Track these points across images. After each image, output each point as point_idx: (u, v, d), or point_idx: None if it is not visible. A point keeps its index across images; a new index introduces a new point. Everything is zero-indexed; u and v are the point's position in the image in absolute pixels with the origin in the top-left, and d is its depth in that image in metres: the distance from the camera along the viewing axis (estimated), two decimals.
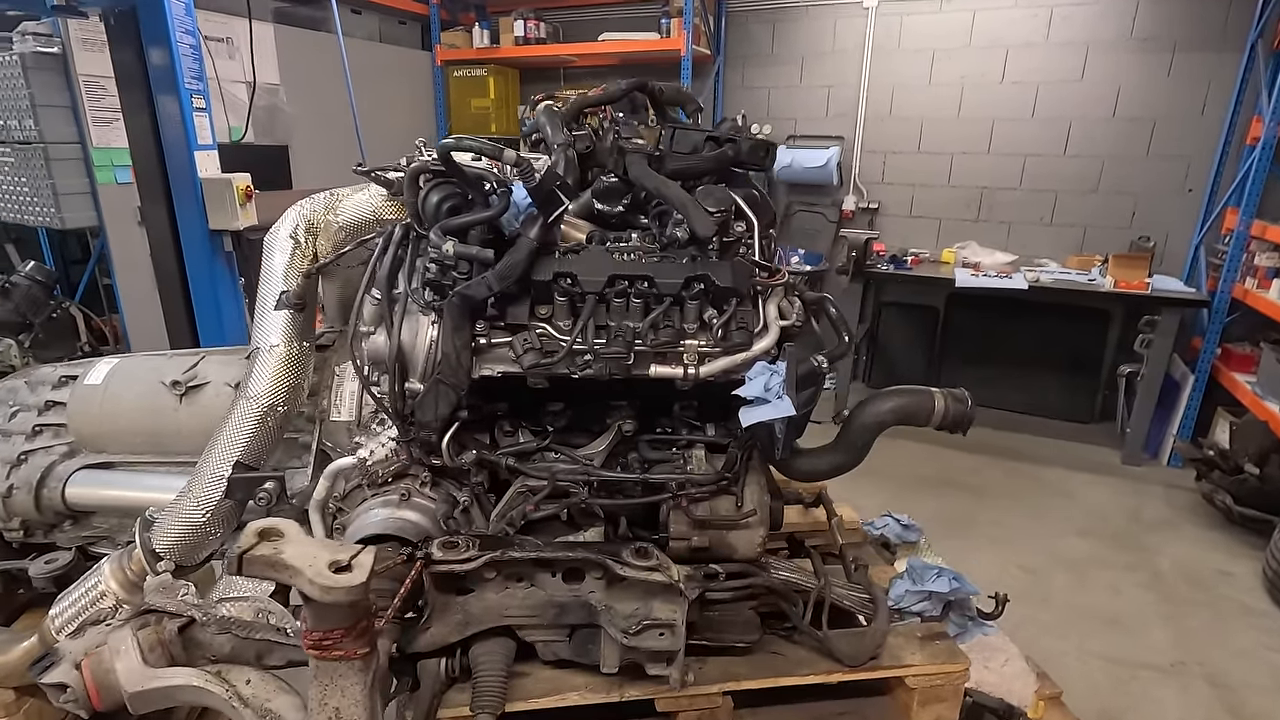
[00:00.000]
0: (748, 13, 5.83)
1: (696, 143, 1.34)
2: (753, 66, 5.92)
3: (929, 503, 4.04)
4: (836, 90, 5.66)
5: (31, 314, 4.11)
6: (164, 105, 2.95)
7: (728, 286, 1.08)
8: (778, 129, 5.84)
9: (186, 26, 2.93)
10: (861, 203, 5.76)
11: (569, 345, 1.06)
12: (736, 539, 1.22)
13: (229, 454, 1.21)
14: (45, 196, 3.94)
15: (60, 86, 3.82)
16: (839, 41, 5.56)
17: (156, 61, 2.89)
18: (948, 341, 5.68)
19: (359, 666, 0.76)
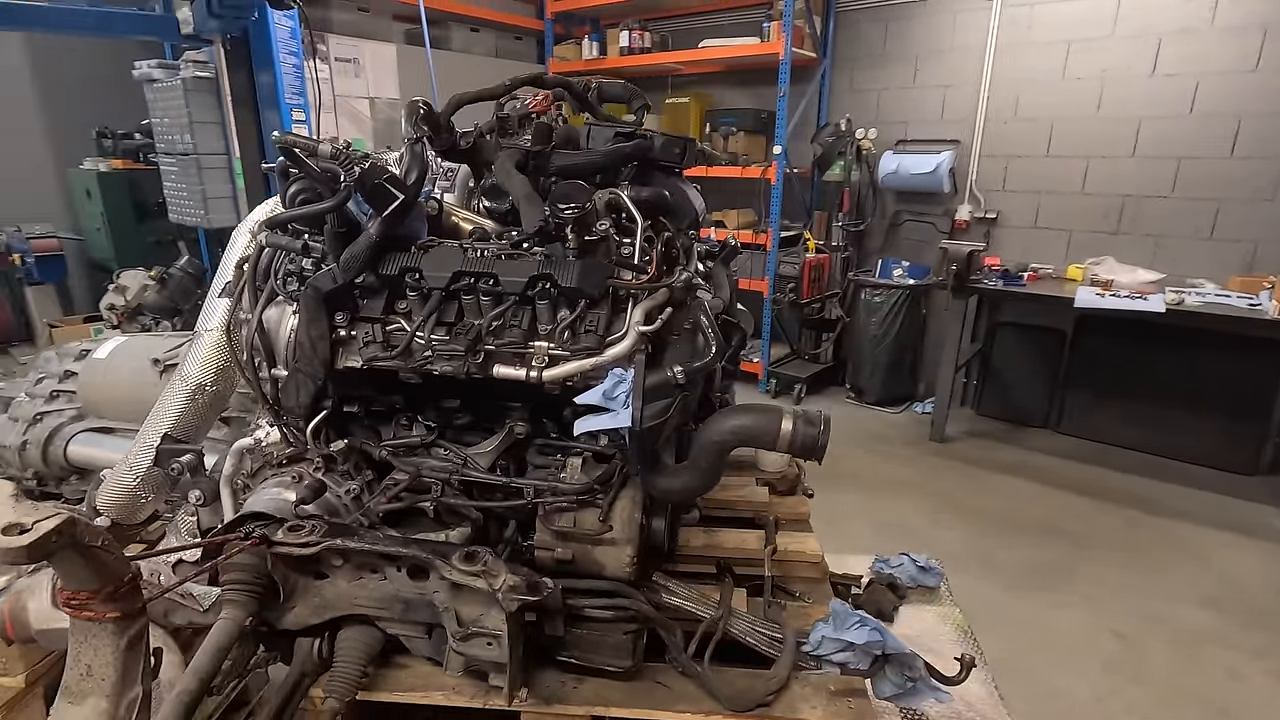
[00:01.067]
0: (859, 11, 5.53)
1: (607, 139, 1.29)
2: (862, 68, 5.61)
3: (1023, 549, 3.58)
4: (953, 90, 5.21)
5: (182, 301, 4.80)
6: (268, 118, 3.34)
7: (571, 287, 1.03)
8: (887, 133, 5.49)
9: (290, 48, 3.29)
10: (977, 212, 5.26)
11: (406, 341, 1.06)
12: (603, 555, 1.15)
13: (159, 426, 1.33)
14: (197, 200, 4.57)
15: (212, 106, 4.40)
16: (958, 37, 5.12)
17: (263, 80, 3.28)
18: (1074, 369, 5.02)
19: (111, 629, 0.80)
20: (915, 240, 5.59)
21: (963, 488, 4.23)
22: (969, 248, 4.47)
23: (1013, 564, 3.46)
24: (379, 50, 5.27)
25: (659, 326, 1.06)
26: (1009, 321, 5.29)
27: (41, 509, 0.69)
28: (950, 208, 5.37)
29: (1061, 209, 4.97)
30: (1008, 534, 3.73)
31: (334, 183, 1.05)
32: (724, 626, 1.24)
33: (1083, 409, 5.00)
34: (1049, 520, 3.88)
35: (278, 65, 3.21)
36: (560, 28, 6.60)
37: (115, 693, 0.81)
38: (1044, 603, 3.19)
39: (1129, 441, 4.77)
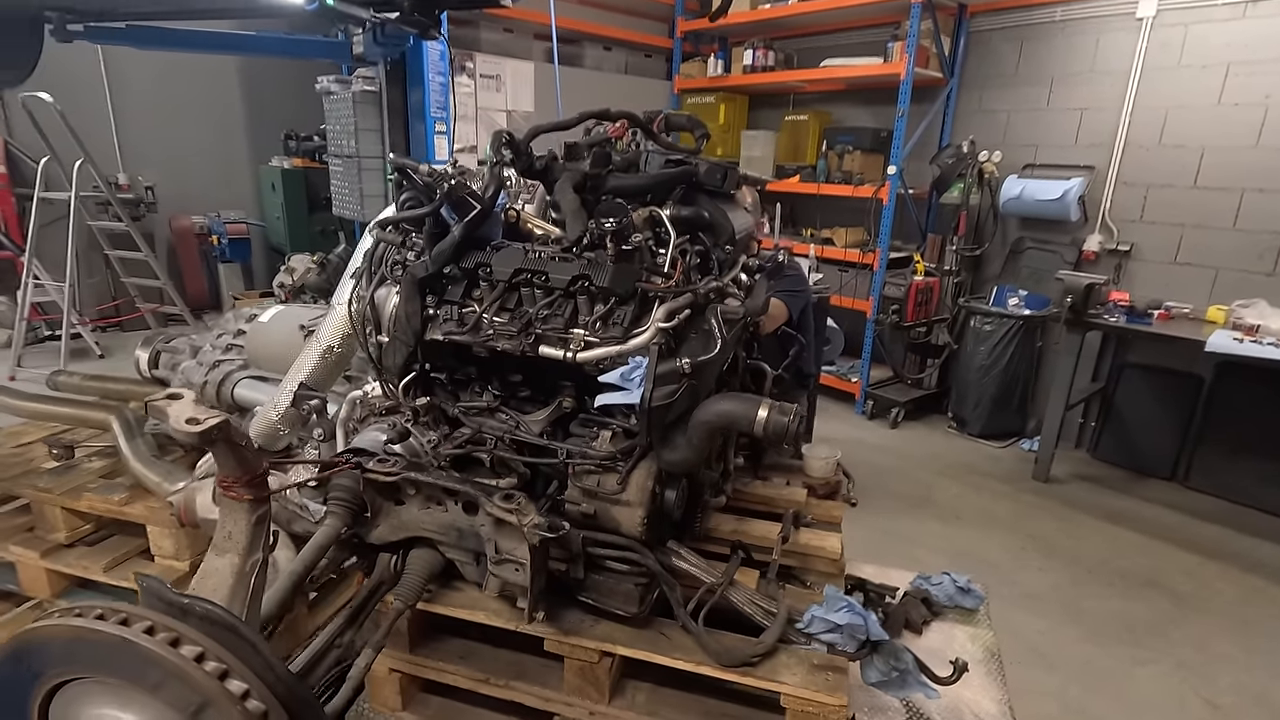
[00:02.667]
0: (993, 32, 5.37)
1: (660, 165, 1.50)
2: (992, 88, 5.44)
3: (1115, 600, 3.39)
4: (1091, 114, 4.95)
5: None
6: (415, 128, 3.83)
7: (604, 286, 1.25)
8: (1014, 156, 5.29)
9: (438, 69, 3.77)
10: (1109, 243, 4.95)
11: (474, 320, 1.32)
12: (619, 514, 1.35)
13: (298, 377, 1.70)
14: (355, 196, 5.25)
15: (374, 115, 5.05)
16: (1100, 59, 4.86)
17: (414, 96, 3.78)
18: (1211, 420, 4.60)
19: (246, 507, 1.11)
20: (1036, 269, 5.33)
21: (1059, 531, 4.03)
22: (1088, 280, 4.24)
23: (1101, 613, 3.28)
24: (518, 67, 5.78)
25: (676, 324, 1.26)
26: (1137, 363, 4.93)
27: (210, 410, 1.00)
28: (1078, 237, 5.09)
29: (1208, 245, 4.58)
30: (1101, 583, 3.53)
31: (432, 193, 1.34)
32: (722, 593, 1.41)
33: (1215, 463, 4.57)
34: (1153, 575, 3.62)
35: (427, 84, 3.70)
36: (689, 46, 6.88)
37: (244, 554, 1.12)
38: (1129, 658, 3.02)
39: (1268, 504, 4.31)
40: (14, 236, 6.10)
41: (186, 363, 2.12)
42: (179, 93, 7.14)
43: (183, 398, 1.02)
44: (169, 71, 6.96)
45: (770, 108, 6.81)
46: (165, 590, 1.00)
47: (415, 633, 1.57)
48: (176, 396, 1.02)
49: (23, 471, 2.15)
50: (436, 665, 1.55)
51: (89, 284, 6.67)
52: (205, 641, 0.98)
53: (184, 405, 1.01)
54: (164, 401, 1.00)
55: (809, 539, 1.77)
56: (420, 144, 3.86)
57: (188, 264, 7.32)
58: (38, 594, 2.10)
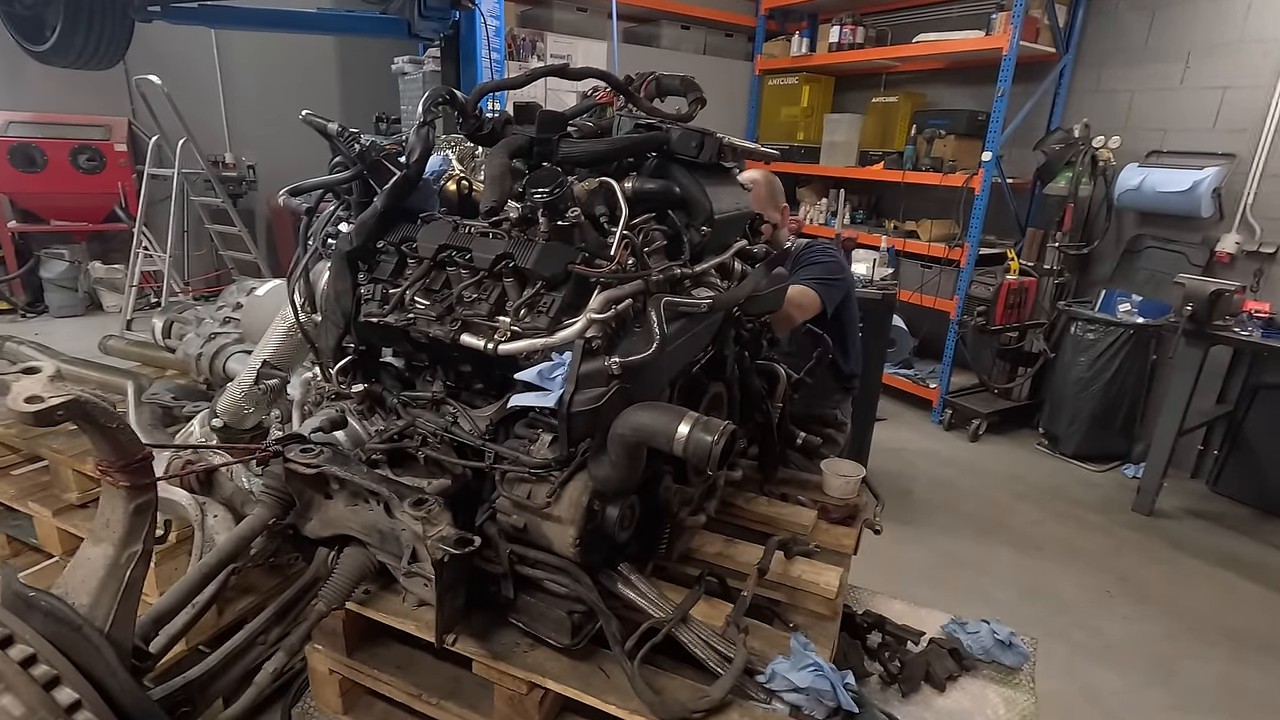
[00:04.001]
0: (1119, 0, 4.72)
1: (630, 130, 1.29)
2: (1114, 65, 4.79)
3: (1220, 663, 2.89)
4: (1235, 93, 4.25)
5: None
6: None
7: (528, 268, 1.06)
8: (1137, 141, 4.65)
9: (494, 45, 3.69)
10: (1249, 244, 4.26)
11: (395, 301, 1.18)
12: (551, 531, 1.18)
13: (262, 354, 1.63)
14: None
15: None
16: (1250, 28, 4.16)
17: (468, 72, 3.71)
18: None
19: (123, 495, 1.03)
20: (1156, 272, 4.67)
21: (1157, 573, 3.50)
22: (1215, 285, 3.64)
23: (1200, 678, 2.80)
24: (591, 47, 5.65)
25: (611, 316, 1.06)
26: (1276, 384, 4.21)
27: (61, 389, 0.91)
28: (1211, 236, 4.41)
29: None
30: (1203, 641, 3.01)
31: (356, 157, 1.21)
32: (671, 630, 1.21)
33: None
34: (1274, 637, 3.06)
35: (479, 59, 3.63)
36: (774, 23, 6.52)
37: (120, 544, 1.04)
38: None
39: None
40: (132, 211, 6.63)
41: (190, 334, 2.13)
42: (281, 75, 7.50)
43: (39, 372, 0.94)
44: (272, 55, 7.32)
45: (859, 89, 6.34)
46: (13, 581, 0.93)
47: (354, 635, 1.47)
48: (33, 370, 0.94)
49: (46, 431, 2.23)
50: (372, 672, 1.45)
51: (197, 256, 7.16)
52: (39, 643, 0.89)
53: (33, 381, 0.92)
54: (13, 376, 0.92)
55: (803, 571, 1.53)
56: None
57: (282, 240, 7.73)
58: (51, 550, 2.18)
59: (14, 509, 2.25)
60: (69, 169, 6.37)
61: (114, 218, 6.65)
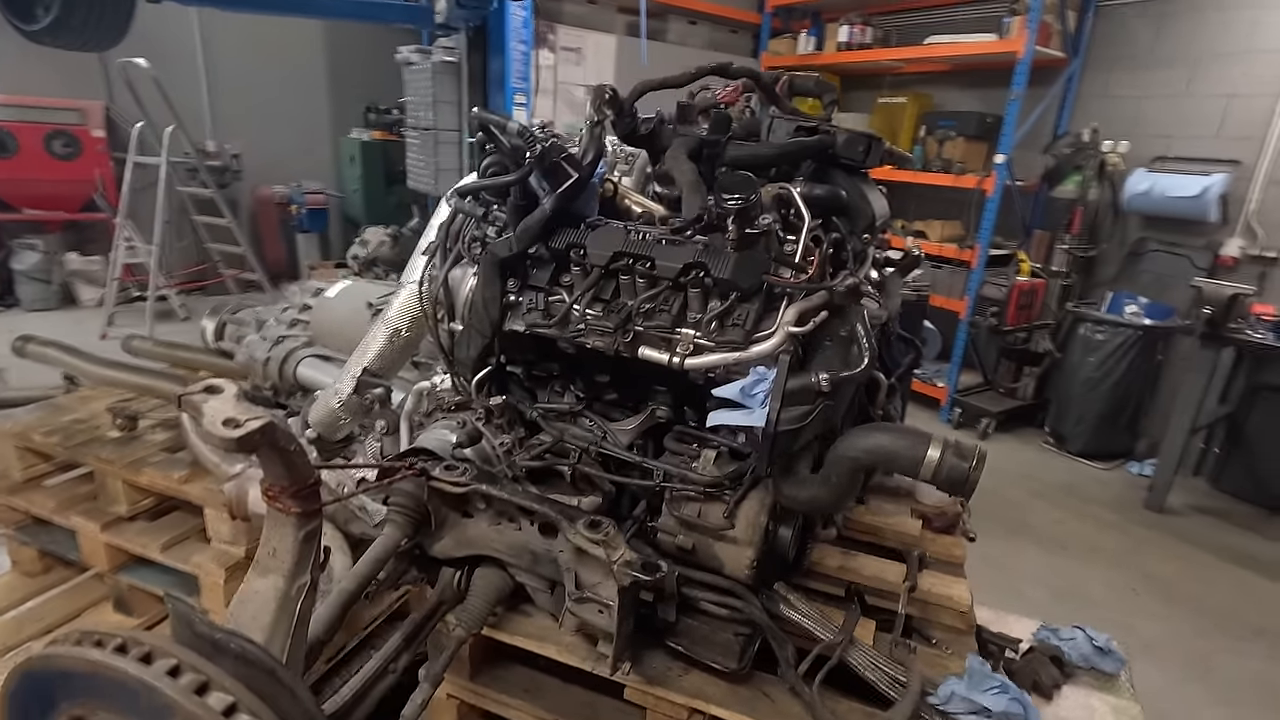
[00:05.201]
0: (1127, 7, 4.82)
1: (789, 130, 1.24)
2: (1122, 70, 4.89)
3: (1256, 660, 2.95)
4: (1240, 101, 4.37)
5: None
6: (494, 100, 3.67)
7: (725, 278, 1.01)
8: (1143, 147, 4.76)
9: (522, 36, 3.59)
10: (1251, 248, 4.39)
11: (564, 312, 1.11)
12: (723, 552, 1.13)
13: (361, 361, 1.54)
14: (431, 170, 5.16)
15: (453, 87, 4.92)
16: (1257, 38, 4.28)
17: (495, 64, 3.61)
18: None
19: (293, 521, 0.95)
20: (1160, 274, 4.80)
21: (1176, 570, 3.59)
22: (1232, 290, 3.74)
23: (1236, 674, 2.87)
24: (600, 41, 5.56)
25: (810, 329, 1.02)
26: (1276, 385, 4.36)
27: (254, 410, 0.83)
28: (1214, 240, 4.53)
29: None
30: (1234, 636, 3.10)
31: (521, 159, 1.14)
32: (841, 653, 1.17)
33: None
34: None
35: (508, 52, 3.53)
36: (778, 21, 6.50)
37: (290, 576, 0.96)
38: None
39: None
40: (111, 200, 6.31)
41: (250, 336, 2.01)
42: (267, 63, 7.24)
43: (222, 391, 0.85)
44: (259, 41, 7.06)
45: (864, 89, 6.37)
46: (197, 620, 0.84)
47: (478, 658, 1.40)
48: (215, 390, 0.85)
49: (89, 439, 2.09)
50: (499, 698, 1.38)
51: (178, 248, 6.85)
52: (237, 689, 0.81)
53: (223, 401, 0.84)
54: (200, 396, 0.84)
55: (931, 584, 1.50)
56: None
57: (268, 232, 7.47)
58: (97, 565, 2.04)
59: (50, 522, 2.10)
60: (42, 155, 6.04)
61: (91, 207, 6.33)
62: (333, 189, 7.60)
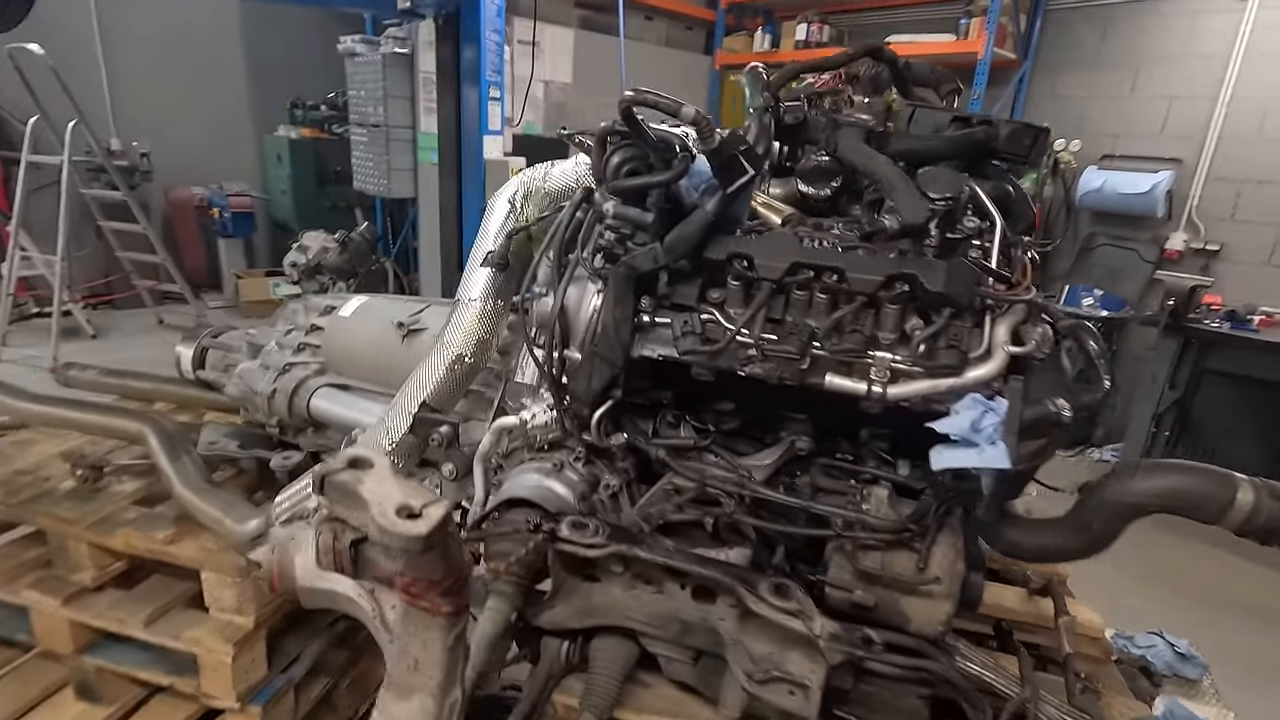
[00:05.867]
0: (1074, 10, 5.00)
1: (940, 124, 1.11)
2: (1069, 73, 5.08)
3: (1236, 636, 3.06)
4: (1181, 103, 4.61)
5: (358, 265, 5.06)
6: (467, 94, 3.40)
7: (940, 292, 0.86)
8: (1091, 146, 4.95)
9: (495, 26, 3.34)
10: (1195, 242, 4.64)
11: (732, 335, 0.93)
12: (912, 607, 0.98)
13: (418, 394, 1.30)
14: (382, 170, 4.79)
15: (405, 81, 4.58)
16: (1196, 42, 4.51)
17: (468, 56, 3.34)
18: None
19: (443, 624, 0.73)
20: (1111, 268, 5.01)
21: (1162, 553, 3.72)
22: (1193, 282, 3.92)
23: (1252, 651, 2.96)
24: (558, 34, 5.33)
25: (1032, 349, 0.88)
26: (1220, 370, 4.61)
27: (423, 491, 0.62)
28: (1160, 234, 4.77)
29: None
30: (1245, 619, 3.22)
31: (667, 152, 0.95)
32: (1033, 709, 1.04)
33: None
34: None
35: (483, 41, 3.27)
36: (732, 18, 6.44)
37: (440, 692, 0.74)
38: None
39: None
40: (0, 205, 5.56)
41: (245, 364, 1.70)
42: (175, 53, 6.59)
43: (373, 465, 0.63)
44: (165, 31, 6.42)
45: None
46: None
47: None
48: (363, 464, 0.63)
49: (37, 494, 1.72)
50: None
51: (78, 257, 6.10)
52: None
53: (381, 480, 0.62)
54: (348, 475, 0.61)
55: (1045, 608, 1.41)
56: (472, 111, 3.42)
57: (185, 238, 6.80)
58: (56, 646, 1.68)
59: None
60: None
61: None
62: (258, 190, 7.00)
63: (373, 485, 0.62)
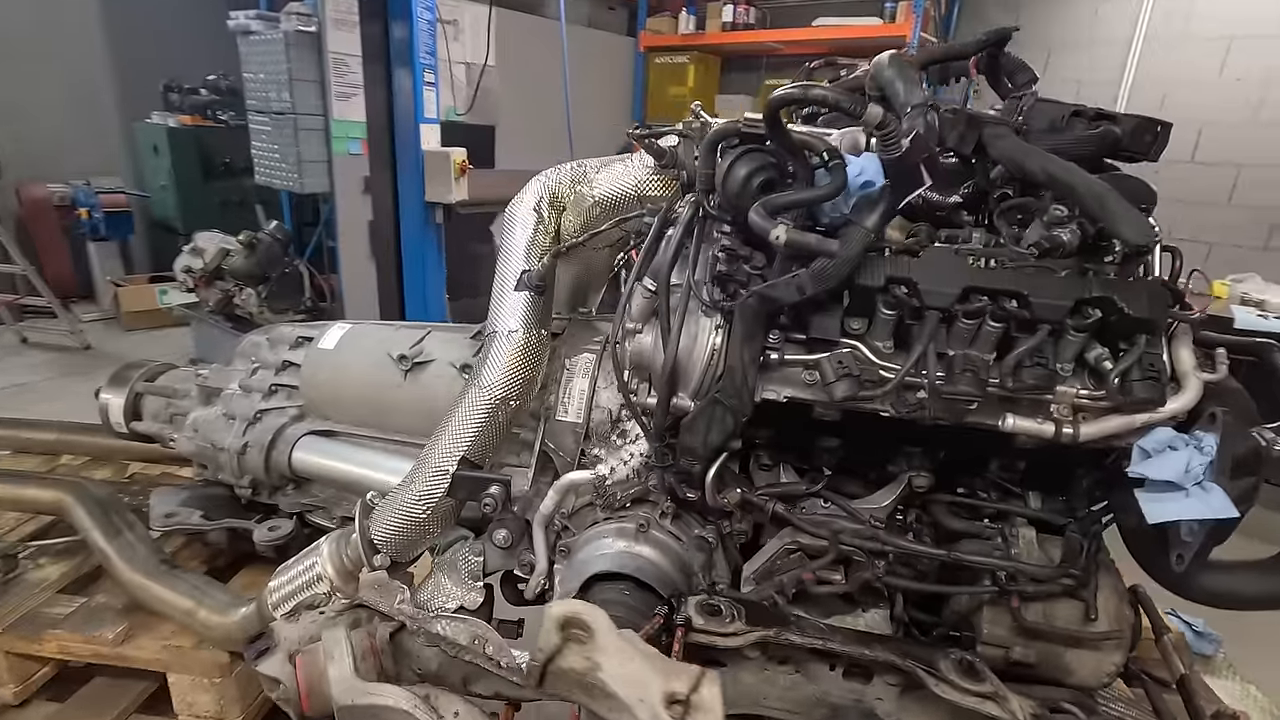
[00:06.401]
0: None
1: (1055, 118, 1.01)
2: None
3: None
4: (1087, 89, 4.86)
5: (269, 268, 4.54)
6: (399, 78, 3.07)
7: (1142, 317, 0.76)
8: None
9: (426, 3, 3.02)
10: None
11: (899, 376, 0.79)
12: (1077, 660, 0.89)
13: (455, 447, 1.08)
14: (291, 163, 4.31)
15: (313, 62, 4.12)
16: (1100, 29, 4.77)
17: (398, 35, 3.00)
18: None
19: None
20: None
21: None
22: None
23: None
24: (478, 13, 4.97)
25: (1224, 374, 0.79)
26: None
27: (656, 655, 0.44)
28: None
29: (1204, 220, 4.63)
30: None
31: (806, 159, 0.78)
32: None
33: None
34: None
35: (415, 18, 2.94)
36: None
37: None
38: None
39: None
40: None
41: (199, 413, 1.39)
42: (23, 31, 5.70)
43: (593, 629, 0.44)
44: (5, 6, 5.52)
45: (742, 71, 6.35)
46: None
47: None
48: (583, 631, 0.44)
49: None
50: None
51: None
52: None
53: (620, 654, 0.43)
54: (579, 657, 0.43)
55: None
56: (406, 98, 3.08)
57: (46, 243, 5.92)
58: None
59: None
60: None
61: None
62: (133, 186, 6.20)
63: (614, 667, 0.44)
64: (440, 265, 3.49)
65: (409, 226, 3.29)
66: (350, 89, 4.20)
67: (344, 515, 1.34)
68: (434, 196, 3.26)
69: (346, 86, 4.23)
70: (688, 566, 1.00)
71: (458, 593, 1.14)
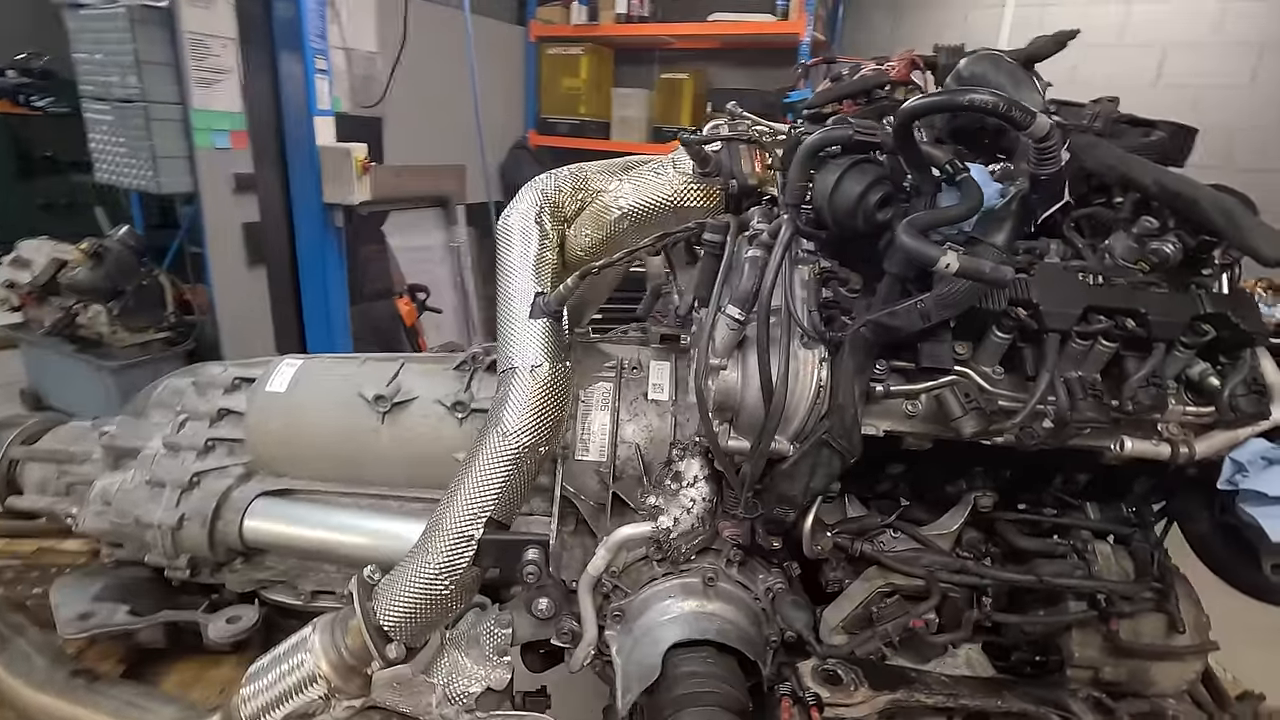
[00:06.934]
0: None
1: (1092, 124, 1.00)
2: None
3: None
4: None
5: (122, 281, 3.93)
6: (286, 64, 2.71)
7: (1254, 331, 0.75)
8: None
9: None
10: None
11: (1030, 406, 0.74)
12: (1160, 672, 0.89)
13: (479, 507, 0.91)
14: (144, 159, 3.74)
15: (165, 43, 3.60)
16: (969, 34, 5.13)
17: (282, 14, 2.64)
18: None
19: None
20: None
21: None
22: None
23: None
24: None
25: None
26: None
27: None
28: None
29: None
30: None
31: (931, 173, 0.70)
32: None
33: None
34: None
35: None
36: None
37: None
38: None
39: None
40: None
41: (107, 481, 1.10)
42: None
43: None
44: None
45: (634, 64, 6.28)
46: None
47: None
48: None
49: None
50: None
51: None
52: None
53: None
54: None
55: None
56: (296, 87, 2.70)
57: None
58: None
59: None
60: None
61: None
62: None
63: None
64: (341, 270, 3.15)
65: (305, 230, 2.94)
66: (213, 74, 3.71)
67: (316, 589, 1.13)
68: (333, 197, 2.93)
69: (208, 71, 3.74)
70: (758, 618, 0.90)
71: (480, 672, 0.98)
